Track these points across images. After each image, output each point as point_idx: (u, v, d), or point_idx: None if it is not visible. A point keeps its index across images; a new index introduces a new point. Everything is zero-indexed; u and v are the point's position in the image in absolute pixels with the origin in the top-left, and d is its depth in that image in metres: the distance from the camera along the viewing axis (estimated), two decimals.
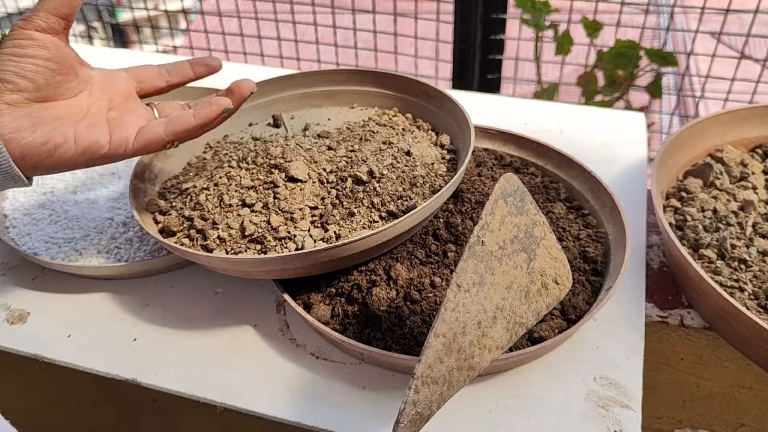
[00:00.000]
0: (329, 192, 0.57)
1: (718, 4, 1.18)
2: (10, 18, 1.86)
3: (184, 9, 1.79)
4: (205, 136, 0.68)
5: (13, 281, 0.64)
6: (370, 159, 0.59)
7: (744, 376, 0.62)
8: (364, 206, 0.55)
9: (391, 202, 0.56)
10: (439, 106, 0.67)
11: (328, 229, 0.54)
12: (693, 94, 1.41)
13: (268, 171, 0.59)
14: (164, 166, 0.66)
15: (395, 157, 0.59)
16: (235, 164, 0.61)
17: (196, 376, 0.54)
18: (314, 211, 0.56)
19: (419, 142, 0.63)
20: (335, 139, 0.64)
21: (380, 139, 0.63)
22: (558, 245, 0.46)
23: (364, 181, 0.56)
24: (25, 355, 0.57)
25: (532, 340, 0.51)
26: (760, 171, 0.70)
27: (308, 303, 0.55)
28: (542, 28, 1.31)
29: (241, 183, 0.58)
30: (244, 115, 0.72)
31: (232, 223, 0.56)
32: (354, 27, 1.43)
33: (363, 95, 0.72)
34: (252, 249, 0.54)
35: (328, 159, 0.60)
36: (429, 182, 0.58)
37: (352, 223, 0.55)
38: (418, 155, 0.60)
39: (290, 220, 0.55)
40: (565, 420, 0.49)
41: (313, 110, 0.73)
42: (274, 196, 0.56)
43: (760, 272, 0.57)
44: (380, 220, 0.55)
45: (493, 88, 1.41)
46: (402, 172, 0.58)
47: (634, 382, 0.52)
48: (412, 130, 0.66)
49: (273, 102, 0.73)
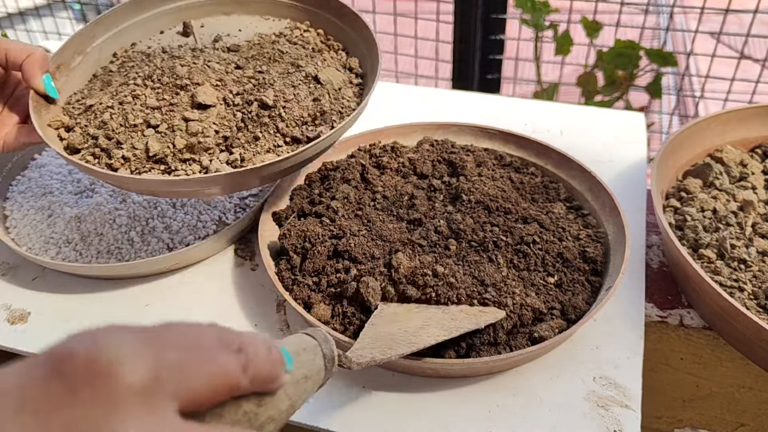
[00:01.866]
0: (235, 115, 0.58)
1: (717, 4, 1.18)
2: (10, 18, 1.86)
3: None
4: (111, 45, 0.69)
5: (14, 281, 0.64)
6: (278, 82, 0.59)
7: (743, 375, 0.62)
8: (269, 131, 0.57)
9: (296, 127, 0.57)
10: (351, 26, 0.68)
11: (233, 152, 0.56)
12: (693, 94, 1.41)
13: (174, 92, 0.59)
14: (68, 79, 0.65)
15: (303, 82, 0.60)
16: (141, 82, 0.61)
17: None
18: (219, 134, 0.57)
19: (328, 66, 0.63)
20: (244, 55, 0.64)
21: (289, 60, 0.63)
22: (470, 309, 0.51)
23: (270, 105, 0.57)
24: (26, 355, 0.57)
25: (532, 339, 0.51)
26: (760, 171, 0.70)
27: (308, 303, 0.55)
28: (542, 28, 1.31)
29: (147, 103, 0.58)
30: (154, 21, 0.71)
31: (137, 143, 0.56)
32: None
33: (276, 5, 0.71)
34: (156, 169, 0.55)
35: (235, 79, 0.60)
36: (336, 109, 0.59)
37: (257, 147, 0.56)
38: (326, 80, 0.61)
39: (196, 143, 0.56)
40: (565, 420, 0.49)
41: (224, 18, 0.72)
42: (181, 118, 0.57)
43: (759, 272, 0.57)
44: (284, 145, 0.56)
45: (493, 88, 1.41)
46: (309, 97, 0.58)
47: (634, 381, 0.52)
48: (323, 50, 0.67)
49: (185, 7, 0.71)
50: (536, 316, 0.53)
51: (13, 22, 1.85)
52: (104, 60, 0.68)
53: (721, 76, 1.22)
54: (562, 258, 0.58)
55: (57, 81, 0.64)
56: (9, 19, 1.85)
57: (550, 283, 0.56)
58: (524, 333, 0.52)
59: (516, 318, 0.53)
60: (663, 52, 1.24)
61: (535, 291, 0.55)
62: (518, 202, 0.64)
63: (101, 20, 0.68)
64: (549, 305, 0.54)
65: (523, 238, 0.58)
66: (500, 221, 0.61)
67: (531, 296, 0.54)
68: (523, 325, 0.53)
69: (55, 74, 0.64)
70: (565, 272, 0.57)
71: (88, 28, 0.68)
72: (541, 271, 0.57)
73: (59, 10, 1.87)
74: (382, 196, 0.65)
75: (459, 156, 0.69)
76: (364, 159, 0.69)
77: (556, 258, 0.57)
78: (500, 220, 0.61)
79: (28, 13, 1.81)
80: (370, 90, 0.57)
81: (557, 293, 0.55)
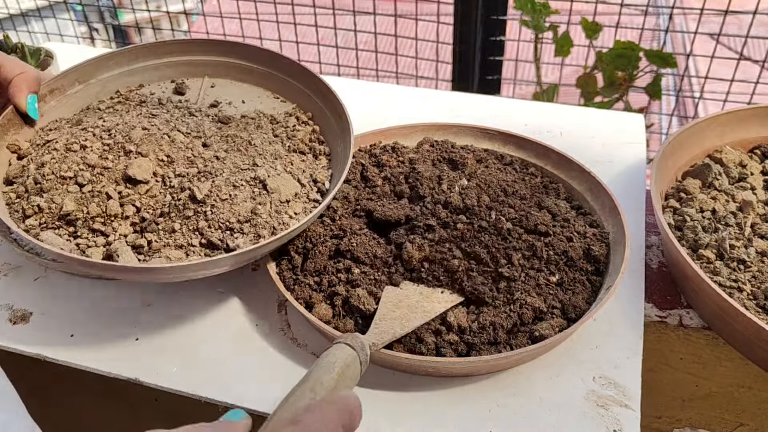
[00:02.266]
0: (165, 197, 0.55)
1: (717, 6, 1.19)
2: (11, 19, 1.86)
3: (186, 10, 1.80)
4: (118, 81, 0.69)
5: (16, 281, 0.65)
6: (223, 175, 0.56)
7: (743, 375, 0.62)
8: (188, 226, 0.53)
9: (217, 231, 0.53)
10: (342, 131, 0.64)
11: (146, 236, 0.53)
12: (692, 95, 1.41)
13: (117, 154, 0.56)
14: (58, 104, 0.65)
15: (248, 183, 0.56)
16: (99, 132, 0.59)
17: (197, 375, 0.54)
18: (139, 212, 0.54)
19: (288, 173, 0.59)
20: (228, 131, 0.62)
21: (252, 153, 0.60)
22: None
23: (198, 199, 0.54)
24: (28, 355, 0.58)
25: (532, 339, 0.52)
26: (759, 172, 0.70)
27: (310, 302, 0.56)
28: (542, 29, 1.31)
29: (86, 157, 0.56)
30: (171, 69, 0.71)
31: (57, 196, 0.54)
32: (354, 28, 1.43)
33: (288, 87, 0.69)
34: (62, 230, 0.53)
35: (188, 158, 0.57)
36: (272, 223, 0.55)
37: (171, 239, 0.53)
38: (274, 188, 0.57)
39: (110, 216, 0.54)
40: (565, 419, 0.49)
41: (236, 84, 0.71)
42: (108, 184, 0.55)
43: (758, 272, 0.57)
44: (198, 246, 0.53)
45: (493, 89, 1.41)
46: (246, 202, 0.55)
47: (633, 381, 0.52)
48: (303, 151, 0.63)
49: (204, 63, 0.71)
50: (537, 315, 0.54)
51: (15, 23, 1.85)
52: (106, 94, 0.68)
53: (720, 77, 1.22)
54: (566, 256, 0.58)
55: (45, 104, 0.64)
56: (11, 20, 1.86)
57: (552, 282, 0.56)
58: (525, 332, 0.52)
59: (516, 317, 0.53)
60: (662, 53, 1.24)
61: (536, 291, 0.55)
62: (524, 190, 0.64)
63: (116, 54, 0.69)
64: (549, 304, 0.54)
65: (537, 227, 0.59)
66: (514, 204, 0.62)
67: (532, 295, 0.55)
68: (523, 324, 0.53)
69: (45, 97, 0.64)
70: (566, 271, 0.57)
71: (100, 59, 0.68)
72: (545, 271, 0.57)
73: (61, 11, 1.87)
74: (383, 178, 0.66)
75: (459, 154, 0.69)
76: (364, 159, 0.70)
77: (561, 256, 0.58)
78: (512, 206, 0.62)
79: (30, 14, 1.82)
80: (312, 214, 0.54)
81: (558, 292, 0.56)
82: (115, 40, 2.26)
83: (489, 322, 0.52)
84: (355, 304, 0.54)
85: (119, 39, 2.29)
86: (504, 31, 1.35)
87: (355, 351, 0.39)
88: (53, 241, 0.53)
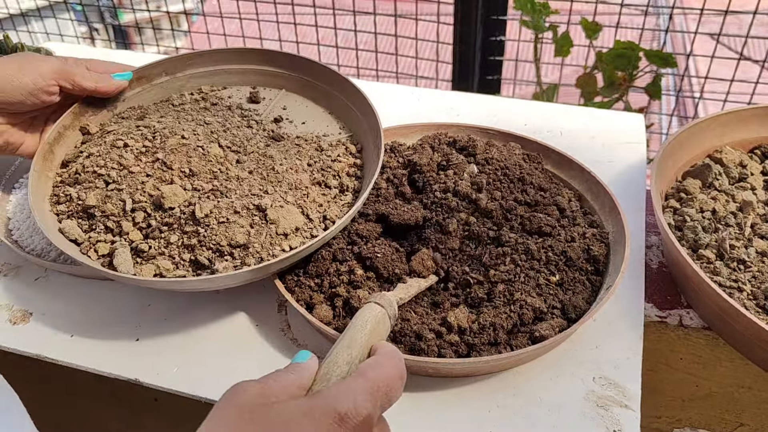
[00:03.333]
0: (175, 212, 0.56)
1: (717, 6, 1.19)
2: (11, 19, 1.86)
3: (186, 10, 1.80)
4: (203, 79, 0.72)
5: (16, 282, 0.65)
6: (230, 198, 0.57)
7: (743, 375, 0.62)
8: (182, 242, 0.55)
9: (206, 251, 0.54)
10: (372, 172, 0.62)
11: (147, 243, 0.55)
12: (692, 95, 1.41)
13: (148, 160, 0.59)
14: (142, 92, 0.69)
15: (248, 210, 0.56)
16: (145, 132, 0.62)
17: (197, 376, 0.54)
18: (148, 219, 0.57)
19: (299, 206, 0.58)
20: (274, 150, 0.63)
21: (272, 180, 0.59)
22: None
23: (198, 218, 0.55)
24: (28, 355, 0.58)
25: (532, 339, 0.52)
26: (759, 172, 0.70)
27: (310, 303, 0.56)
28: (542, 29, 1.31)
29: (123, 157, 0.59)
30: (256, 76, 0.73)
31: (85, 190, 0.58)
32: (355, 28, 1.43)
33: (352, 116, 0.68)
34: (78, 221, 0.57)
35: (211, 173, 0.59)
36: (261, 253, 0.54)
37: (165, 250, 0.55)
38: (274, 220, 0.56)
39: (117, 221, 0.56)
40: (565, 419, 0.49)
41: (308, 104, 0.71)
42: (132, 191, 0.57)
43: (758, 272, 0.57)
44: (185, 262, 0.54)
45: (493, 89, 1.41)
46: (243, 229, 0.55)
47: (633, 381, 0.52)
48: (329, 185, 0.61)
49: (289, 77, 0.72)
50: (537, 315, 0.54)
51: (15, 23, 1.85)
52: (188, 89, 0.71)
53: (720, 77, 1.22)
54: (565, 256, 0.58)
55: (131, 90, 0.68)
56: (11, 20, 1.86)
57: (552, 282, 0.56)
58: (525, 332, 0.52)
59: (516, 317, 0.53)
60: (662, 53, 1.24)
61: (537, 291, 0.55)
62: (535, 173, 0.65)
63: (205, 53, 0.72)
64: (550, 304, 0.54)
65: (542, 228, 0.59)
66: (519, 199, 0.62)
67: (532, 295, 0.55)
68: (523, 324, 0.53)
69: (132, 83, 0.68)
70: (566, 271, 0.57)
71: (191, 56, 0.71)
72: (545, 271, 0.57)
73: (61, 11, 1.87)
74: (386, 180, 0.66)
75: (465, 141, 0.70)
76: None
77: (560, 256, 0.58)
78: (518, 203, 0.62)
79: (30, 14, 1.82)
80: (293, 252, 0.53)
81: (558, 292, 0.55)
82: (115, 40, 2.27)
83: (489, 323, 0.52)
84: (356, 305, 0.54)
85: (119, 39, 2.29)
86: (504, 31, 1.35)
87: (383, 308, 0.43)
88: (71, 230, 0.56)
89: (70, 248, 0.55)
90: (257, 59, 0.73)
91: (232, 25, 1.56)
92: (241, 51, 0.73)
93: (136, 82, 0.69)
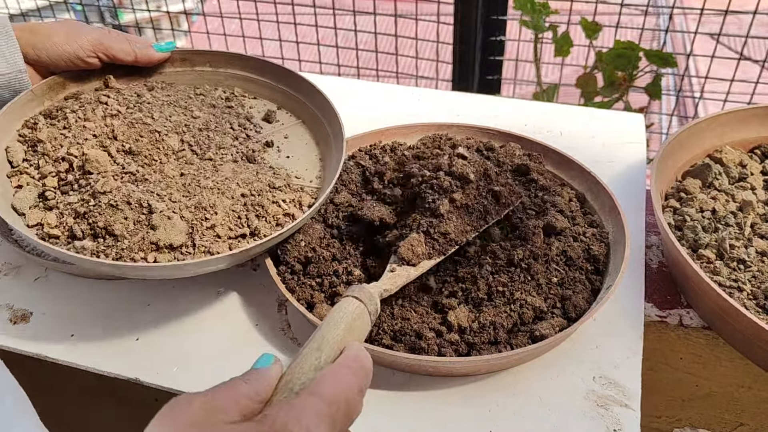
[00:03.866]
0: (90, 178, 0.57)
1: (717, 6, 1.19)
2: (11, 19, 1.86)
3: (186, 10, 1.80)
4: (238, 81, 0.74)
5: (17, 281, 0.65)
6: (137, 187, 0.57)
7: (743, 375, 0.62)
8: (75, 205, 0.56)
9: (85, 225, 0.55)
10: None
11: (54, 191, 0.57)
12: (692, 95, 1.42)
13: (107, 135, 0.60)
14: (182, 73, 0.73)
15: (140, 207, 0.55)
16: (169, 123, 0.63)
17: (197, 375, 0.54)
18: (69, 174, 0.59)
19: (189, 226, 0.55)
20: (224, 166, 0.61)
21: (192, 191, 0.58)
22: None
23: (95, 192, 0.56)
24: (28, 355, 0.58)
25: (532, 338, 0.52)
26: (759, 172, 0.70)
27: (311, 302, 0.56)
28: (542, 29, 1.31)
29: (128, 137, 0.60)
30: (284, 98, 0.72)
31: (72, 148, 0.59)
32: (355, 28, 1.43)
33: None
34: (27, 149, 0.60)
35: (145, 161, 0.60)
36: (129, 252, 0.53)
37: (61, 205, 0.56)
38: (156, 225, 0.54)
39: (54, 160, 0.59)
40: (565, 419, 0.50)
41: (307, 141, 0.69)
42: (80, 143, 0.60)
43: (758, 272, 0.57)
44: (66, 226, 0.56)
45: (494, 89, 1.41)
46: (124, 221, 0.54)
47: (633, 381, 0.52)
48: (245, 221, 0.58)
49: (310, 114, 0.70)
50: (537, 315, 0.54)
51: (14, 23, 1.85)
52: (225, 85, 0.73)
53: (720, 77, 1.22)
54: (566, 256, 0.58)
55: (172, 67, 0.72)
56: (10, 20, 1.86)
57: (553, 282, 0.56)
58: (525, 331, 0.52)
59: (516, 316, 0.53)
60: (662, 53, 1.24)
61: (536, 290, 0.55)
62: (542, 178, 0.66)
63: (253, 60, 0.73)
64: (550, 304, 0.54)
65: (555, 226, 0.60)
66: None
67: (532, 294, 0.55)
68: (523, 324, 0.53)
69: (176, 62, 0.72)
70: (566, 271, 0.57)
71: (242, 57, 0.73)
72: (545, 271, 0.57)
73: (61, 11, 1.87)
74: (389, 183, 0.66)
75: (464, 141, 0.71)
76: (363, 160, 0.70)
77: (561, 255, 0.58)
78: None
79: (30, 14, 1.82)
80: (162, 266, 0.52)
81: (558, 291, 0.56)
82: None
83: (489, 322, 0.52)
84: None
85: None
86: (504, 31, 1.35)
87: (362, 303, 0.38)
88: (14, 149, 0.59)
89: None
90: (295, 85, 0.71)
91: (232, 25, 1.56)
92: (287, 72, 0.72)
93: (180, 62, 0.72)
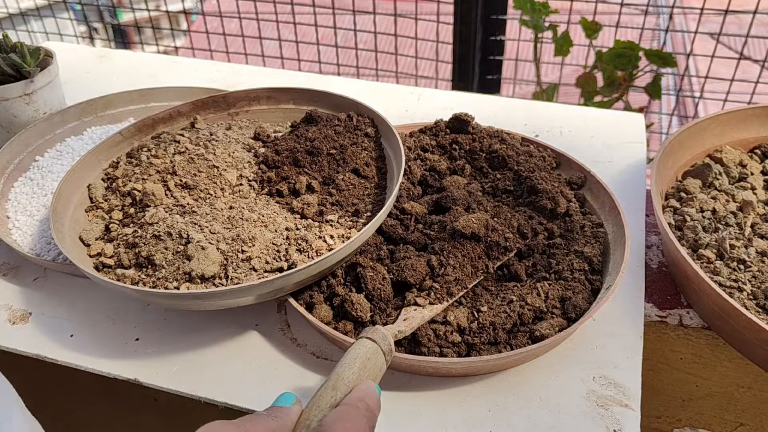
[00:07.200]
0: (147, 211, 0.59)
1: (717, 5, 1.19)
2: (11, 18, 1.86)
3: (186, 10, 1.80)
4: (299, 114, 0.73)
5: (15, 281, 0.65)
6: (183, 219, 0.58)
7: (743, 375, 0.62)
8: (128, 236, 0.58)
9: (131, 255, 0.56)
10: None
11: (119, 223, 0.60)
12: (692, 94, 1.41)
13: (168, 171, 0.62)
14: (266, 111, 0.73)
15: (180, 238, 0.56)
16: (199, 152, 0.64)
17: (197, 375, 0.54)
18: (131, 207, 0.61)
19: (223, 257, 0.55)
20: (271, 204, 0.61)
21: (237, 224, 0.58)
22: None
23: (142, 223, 0.58)
24: (28, 355, 0.58)
25: (532, 338, 0.52)
26: (759, 171, 0.70)
27: (310, 303, 0.56)
28: (541, 29, 1.31)
29: (188, 172, 0.62)
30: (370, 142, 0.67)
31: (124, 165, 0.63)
32: (354, 28, 1.43)
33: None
34: (107, 184, 0.64)
35: (201, 195, 0.61)
36: (164, 280, 0.54)
37: (118, 236, 0.59)
38: (190, 255, 0.54)
39: (121, 195, 0.62)
40: (565, 419, 0.49)
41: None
42: (145, 178, 0.62)
43: (758, 272, 0.57)
44: (116, 256, 0.57)
45: (493, 88, 1.41)
46: (166, 251, 0.55)
47: (633, 381, 0.52)
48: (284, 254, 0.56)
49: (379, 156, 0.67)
50: (537, 315, 0.54)
51: (14, 22, 1.85)
52: (295, 117, 0.73)
53: (720, 77, 1.22)
54: (565, 256, 0.58)
55: (258, 105, 0.74)
56: (10, 19, 1.86)
57: (553, 281, 0.56)
58: (525, 331, 0.52)
59: (516, 317, 0.53)
60: (662, 53, 1.24)
61: (536, 290, 0.55)
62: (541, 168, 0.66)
63: (335, 97, 0.72)
64: (550, 304, 0.54)
65: (556, 216, 0.60)
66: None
67: (532, 294, 0.54)
68: (523, 324, 0.53)
69: (261, 100, 0.74)
70: (566, 271, 0.57)
71: (319, 93, 0.73)
72: (544, 271, 0.57)
73: (60, 10, 1.87)
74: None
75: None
76: None
77: (561, 255, 0.58)
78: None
79: (30, 13, 1.82)
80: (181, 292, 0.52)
81: (558, 291, 0.55)
82: (115, 40, 2.26)
83: (489, 322, 0.52)
84: (348, 309, 0.53)
85: (118, 38, 2.29)
86: (504, 31, 1.35)
87: (376, 343, 0.40)
88: (95, 186, 0.64)
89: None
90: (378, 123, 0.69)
91: (231, 25, 1.56)
92: (368, 110, 0.69)
93: (265, 99, 0.73)
